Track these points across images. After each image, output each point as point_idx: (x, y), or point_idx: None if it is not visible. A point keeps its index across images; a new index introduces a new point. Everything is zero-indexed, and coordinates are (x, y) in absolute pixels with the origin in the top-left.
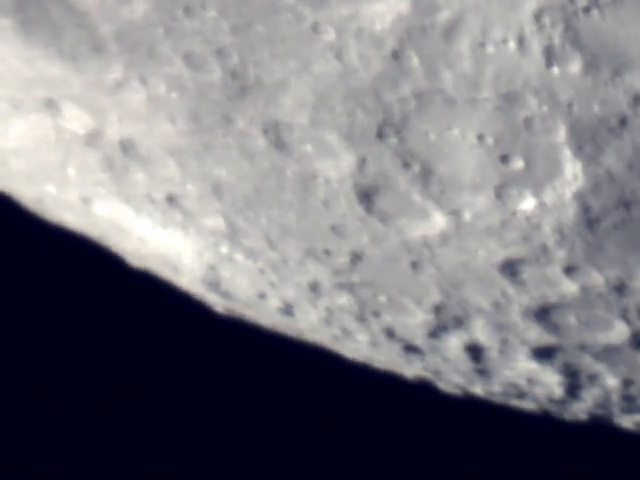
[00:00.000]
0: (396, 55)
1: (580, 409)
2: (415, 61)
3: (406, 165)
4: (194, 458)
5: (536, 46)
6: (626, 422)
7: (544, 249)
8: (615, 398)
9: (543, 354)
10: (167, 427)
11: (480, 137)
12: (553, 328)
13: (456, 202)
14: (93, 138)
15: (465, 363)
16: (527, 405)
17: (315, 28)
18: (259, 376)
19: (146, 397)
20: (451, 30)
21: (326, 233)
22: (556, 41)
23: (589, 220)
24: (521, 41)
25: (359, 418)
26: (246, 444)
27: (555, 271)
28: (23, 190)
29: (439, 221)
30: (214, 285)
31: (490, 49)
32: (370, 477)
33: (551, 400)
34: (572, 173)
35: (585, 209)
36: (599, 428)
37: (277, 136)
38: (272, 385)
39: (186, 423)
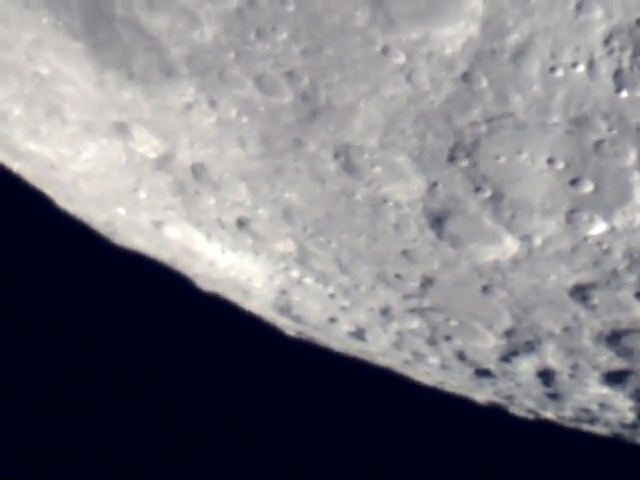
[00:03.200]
0: (466, 78)
1: None
2: (485, 84)
3: (477, 189)
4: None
5: (605, 70)
6: None
7: (615, 274)
8: None
9: (615, 379)
10: (236, 451)
11: (550, 161)
12: (625, 353)
13: (527, 227)
14: (164, 162)
15: (537, 387)
16: (599, 430)
17: (385, 51)
18: (331, 397)
19: (215, 422)
20: (521, 53)
21: (397, 257)
22: (625, 65)
23: None
24: (591, 65)
25: (429, 440)
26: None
27: (626, 296)
28: (93, 214)
29: (510, 245)
30: (285, 309)
31: (560, 73)
32: None
33: (623, 425)
34: None
35: None
36: None
37: (347, 159)
38: (346, 406)
39: (256, 447)
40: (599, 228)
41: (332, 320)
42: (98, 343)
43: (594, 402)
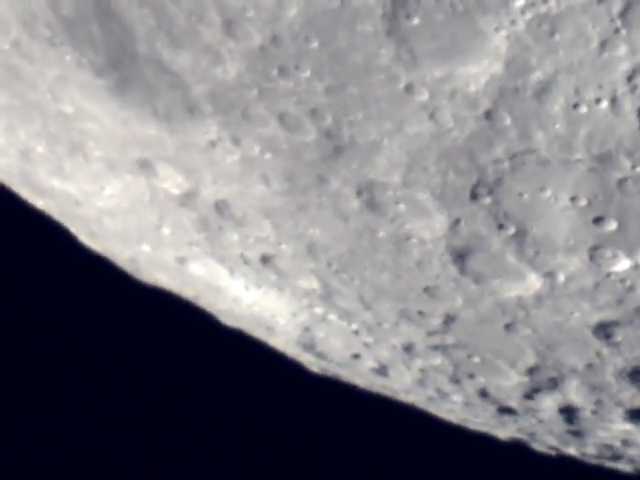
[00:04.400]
0: (489, 116)
1: None
2: (508, 122)
3: (500, 226)
4: None
5: (629, 107)
6: None
7: (638, 311)
8: None
9: (638, 415)
10: None
11: (574, 198)
12: None
13: (550, 263)
14: (188, 198)
15: (559, 424)
16: (622, 467)
17: (409, 89)
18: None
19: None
20: (544, 91)
21: (420, 294)
22: None
23: None
24: (614, 102)
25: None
26: None
27: None
28: (117, 250)
29: (533, 282)
30: (309, 346)
31: (583, 110)
32: None
33: None
34: None
35: None
36: None
37: (371, 196)
38: (370, 443)
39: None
40: (623, 265)
41: (356, 356)
42: (122, 377)
43: (617, 439)
